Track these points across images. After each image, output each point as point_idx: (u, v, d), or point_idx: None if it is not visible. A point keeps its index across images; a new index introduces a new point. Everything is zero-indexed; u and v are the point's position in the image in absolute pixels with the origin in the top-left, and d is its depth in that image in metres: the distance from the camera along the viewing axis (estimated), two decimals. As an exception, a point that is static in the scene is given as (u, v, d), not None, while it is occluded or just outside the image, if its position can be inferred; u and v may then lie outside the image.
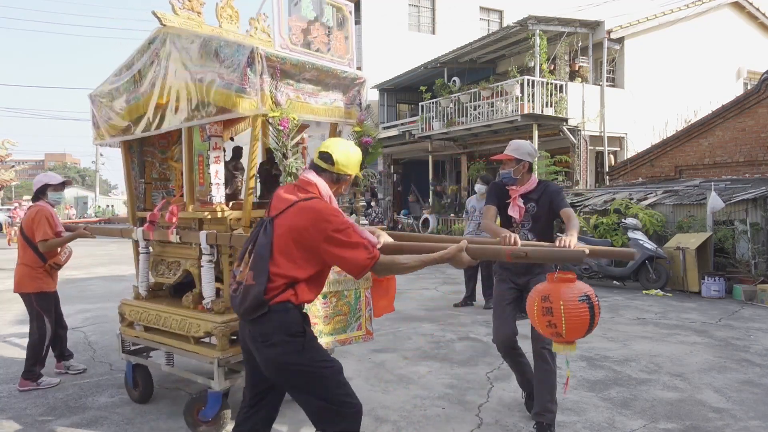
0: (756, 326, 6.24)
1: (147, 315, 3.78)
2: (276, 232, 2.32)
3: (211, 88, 3.09)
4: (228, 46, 3.06)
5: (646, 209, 9.69)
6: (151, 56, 3.46)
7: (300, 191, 2.42)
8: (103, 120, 3.98)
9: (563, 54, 14.38)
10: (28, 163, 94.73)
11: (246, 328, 2.35)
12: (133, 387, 3.94)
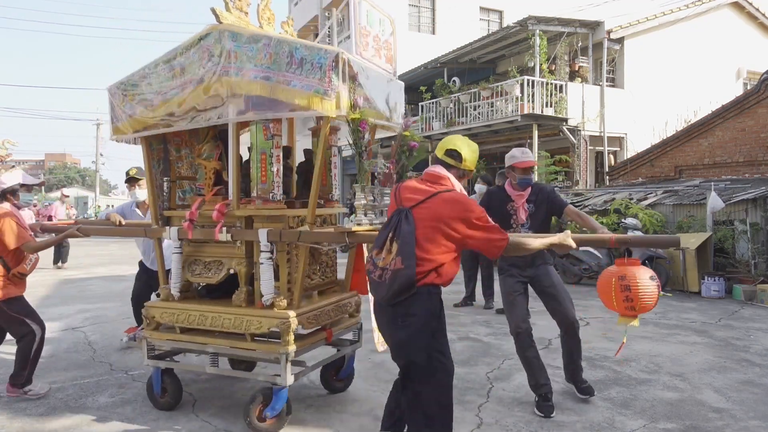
0: (756, 326, 6.24)
1: (187, 316, 3.61)
2: (418, 221, 2.54)
3: (281, 87, 3.18)
4: (306, 48, 3.17)
5: (646, 209, 9.70)
6: (201, 52, 3.43)
7: (432, 184, 2.69)
8: (126, 114, 3.75)
9: (563, 54, 14.39)
10: (28, 163, 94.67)
11: (385, 313, 2.57)
12: (161, 394, 3.76)
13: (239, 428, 3.48)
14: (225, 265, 3.64)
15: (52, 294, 8.72)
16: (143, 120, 3.68)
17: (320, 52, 3.13)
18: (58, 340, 5.68)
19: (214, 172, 3.86)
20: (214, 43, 3.37)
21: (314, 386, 4.21)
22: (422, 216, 2.55)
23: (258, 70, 3.25)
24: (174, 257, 3.72)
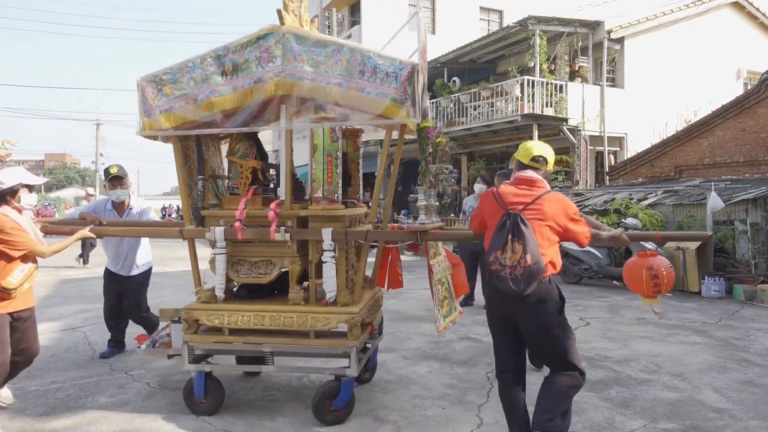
0: (756, 326, 6.24)
1: (239, 317, 3.57)
2: (531, 222, 2.90)
3: (355, 93, 3.31)
4: (380, 58, 3.30)
5: (646, 209, 9.70)
6: (259, 52, 3.41)
7: (529, 188, 3.04)
8: (160, 109, 3.56)
9: (563, 54, 14.39)
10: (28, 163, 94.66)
11: (513, 302, 2.91)
12: (204, 397, 3.68)
13: (239, 428, 3.48)
14: (276, 265, 3.65)
15: (52, 294, 8.72)
16: (183, 116, 3.54)
17: (395, 62, 3.29)
18: (58, 340, 5.68)
19: (251, 171, 3.82)
20: (275, 44, 3.37)
21: (314, 386, 4.21)
22: (532, 217, 2.93)
23: (329, 75, 3.32)
24: (219, 258, 3.64)
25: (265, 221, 3.54)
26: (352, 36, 21.79)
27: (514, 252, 2.83)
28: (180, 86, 3.51)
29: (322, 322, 3.50)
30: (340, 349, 3.52)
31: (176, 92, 3.50)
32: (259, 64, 3.40)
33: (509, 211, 2.93)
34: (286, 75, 3.35)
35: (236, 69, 3.43)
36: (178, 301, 7.86)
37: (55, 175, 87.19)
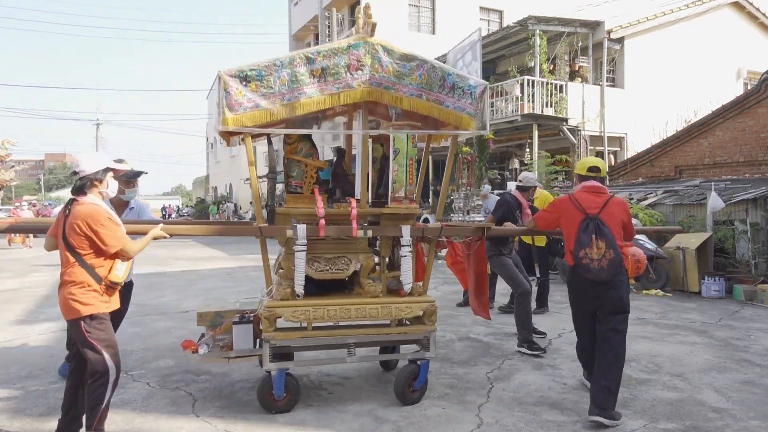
0: (756, 326, 6.24)
1: (325, 312, 3.66)
2: (608, 222, 3.64)
3: (435, 106, 3.73)
4: (457, 76, 3.76)
5: (646, 209, 9.70)
6: (349, 59, 3.57)
7: (598, 194, 3.80)
8: (245, 106, 3.48)
9: (563, 54, 14.39)
10: (28, 163, 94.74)
11: (600, 286, 3.61)
12: (283, 396, 3.68)
13: (239, 428, 3.48)
14: (352, 261, 3.79)
15: (52, 294, 8.72)
16: (270, 114, 3.51)
17: (470, 81, 3.79)
18: (58, 340, 5.67)
19: (316, 170, 3.87)
20: (364, 54, 3.57)
21: (314, 386, 4.21)
22: (606, 218, 3.65)
23: (412, 87, 3.65)
24: (298, 255, 3.61)
25: (338, 219, 3.69)
26: (351, 36, 21.79)
27: (598, 248, 3.58)
28: (266, 84, 3.48)
29: (405, 311, 3.78)
30: (421, 335, 3.84)
31: (263, 90, 3.47)
32: (348, 70, 3.56)
33: (589, 215, 3.67)
34: (373, 83, 3.57)
35: (325, 73, 3.54)
36: (179, 301, 7.88)
37: (55, 175, 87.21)
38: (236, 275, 10.80)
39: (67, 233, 3.06)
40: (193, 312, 7.12)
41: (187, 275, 10.89)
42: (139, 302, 7.86)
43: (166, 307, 7.53)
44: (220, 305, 7.59)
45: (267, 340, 3.59)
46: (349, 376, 4.43)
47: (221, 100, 3.44)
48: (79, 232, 3.03)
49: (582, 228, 3.64)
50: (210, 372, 4.58)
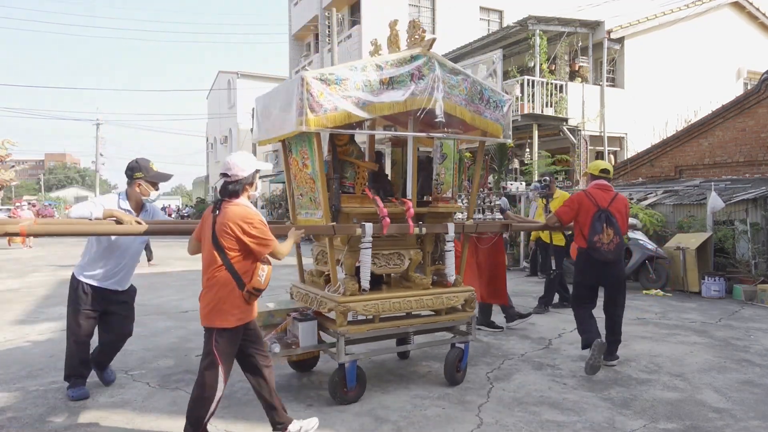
0: (756, 326, 6.24)
1: (390, 304, 3.91)
2: (615, 214, 4.59)
3: (477, 116, 4.19)
4: (491, 91, 4.28)
5: (646, 209, 9.70)
6: (412, 69, 3.89)
7: (606, 191, 4.71)
8: (326, 107, 3.64)
9: (563, 54, 14.38)
10: (28, 163, 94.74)
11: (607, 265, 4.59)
12: (355, 387, 3.84)
13: (239, 428, 3.48)
14: (405, 256, 4.14)
15: (52, 294, 8.72)
16: (348, 116, 3.69)
17: (500, 95, 4.35)
18: (58, 341, 5.67)
19: (367, 171, 4.17)
20: (423, 66, 3.91)
21: (314, 386, 4.21)
22: (613, 211, 4.60)
23: (459, 97, 4.07)
24: (365, 252, 3.84)
25: (392, 218, 3.90)
26: (352, 36, 21.81)
27: (608, 234, 4.51)
28: (344, 87, 3.68)
29: (453, 300, 4.19)
30: (464, 321, 4.29)
31: (341, 93, 3.66)
32: (412, 79, 3.88)
33: (601, 208, 4.58)
34: (431, 92, 3.91)
35: (392, 81, 3.83)
36: (179, 301, 7.87)
37: (55, 175, 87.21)
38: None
39: (218, 234, 3.01)
40: (193, 312, 7.12)
41: (187, 275, 10.88)
42: (139, 302, 7.82)
43: (166, 307, 7.53)
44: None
45: (342, 333, 3.76)
46: (349, 376, 4.43)
47: (304, 102, 3.52)
48: (230, 233, 2.99)
49: (596, 218, 4.54)
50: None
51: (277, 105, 3.95)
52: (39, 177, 79.08)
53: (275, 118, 3.99)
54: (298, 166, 4.22)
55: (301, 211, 4.34)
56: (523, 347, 5.33)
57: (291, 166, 4.36)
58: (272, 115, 4.06)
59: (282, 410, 3.26)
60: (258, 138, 4.42)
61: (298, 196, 4.34)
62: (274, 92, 4.13)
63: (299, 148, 4.12)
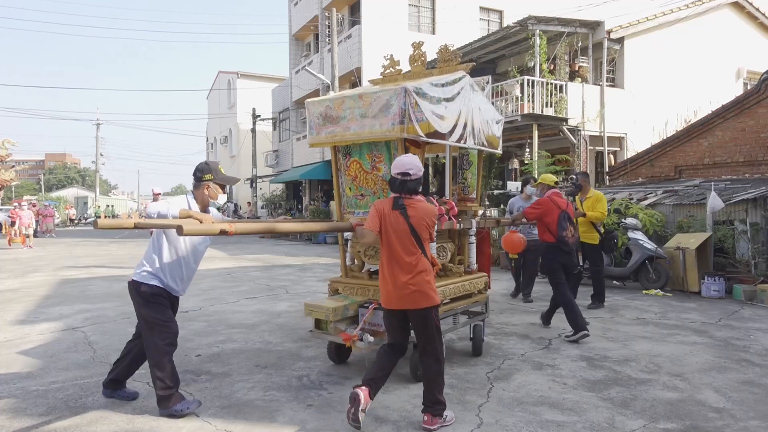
0: (756, 326, 6.24)
1: (448, 290, 4.61)
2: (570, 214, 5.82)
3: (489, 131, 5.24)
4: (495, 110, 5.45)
5: (646, 209, 9.69)
6: (458, 90, 4.66)
7: (561, 197, 5.88)
8: (418, 117, 4.16)
9: (563, 54, 14.38)
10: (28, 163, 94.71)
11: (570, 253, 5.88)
12: None
13: (239, 428, 3.48)
14: (447, 249, 4.89)
15: (52, 294, 8.73)
16: (427, 126, 4.24)
17: (497, 114, 5.46)
18: (58, 341, 5.68)
19: None
20: (466, 86, 4.76)
21: (314, 386, 4.22)
22: (569, 212, 5.85)
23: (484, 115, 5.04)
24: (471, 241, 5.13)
25: None
26: (352, 36, 21.80)
27: (570, 230, 5.78)
28: (428, 100, 4.26)
29: (478, 286, 5.04)
30: (485, 300, 5.23)
31: (427, 105, 4.23)
32: (459, 97, 4.61)
33: (562, 210, 5.75)
34: (464, 107, 4.68)
35: (449, 99, 4.53)
36: (179, 301, 7.86)
37: (55, 175, 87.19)
38: (236, 275, 10.80)
39: (417, 226, 3.43)
40: (193, 312, 7.13)
41: (187, 275, 10.86)
42: (139, 302, 7.86)
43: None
44: (221, 305, 7.60)
45: None
46: (350, 376, 4.43)
47: (407, 111, 4.05)
48: (427, 225, 3.48)
49: (561, 218, 5.72)
50: (210, 372, 4.59)
51: (358, 112, 4.29)
52: (39, 177, 79.09)
53: (352, 123, 4.31)
54: (361, 168, 4.53)
55: (355, 210, 4.72)
56: (523, 347, 5.33)
57: (348, 168, 4.70)
58: (344, 120, 4.36)
59: None
60: (315, 141, 4.66)
61: (356, 196, 4.68)
62: (348, 99, 4.41)
63: (367, 152, 4.49)
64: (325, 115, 4.47)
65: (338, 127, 4.43)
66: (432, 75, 4.93)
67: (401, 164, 3.47)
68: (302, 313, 7.00)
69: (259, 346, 5.41)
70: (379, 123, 4.11)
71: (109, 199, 57.75)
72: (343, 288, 4.73)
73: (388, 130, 4.08)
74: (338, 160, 4.76)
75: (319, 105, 4.52)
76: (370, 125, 4.18)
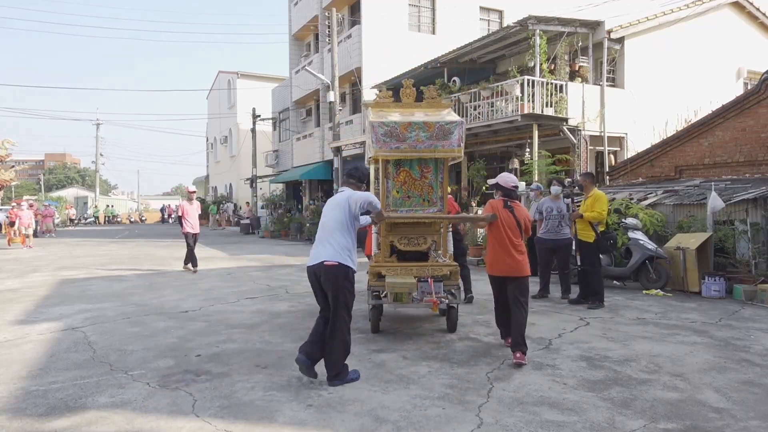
0: (756, 326, 6.23)
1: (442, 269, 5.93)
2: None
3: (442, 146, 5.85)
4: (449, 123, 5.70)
5: (646, 209, 9.69)
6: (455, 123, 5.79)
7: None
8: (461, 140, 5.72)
9: (563, 54, 14.37)
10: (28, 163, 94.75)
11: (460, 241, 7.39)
12: None
13: (239, 428, 3.48)
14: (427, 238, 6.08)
15: (52, 294, 8.72)
16: None
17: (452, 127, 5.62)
18: (58, 340, 5.68)
19: None
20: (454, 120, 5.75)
21: (314, 386, 4.22)
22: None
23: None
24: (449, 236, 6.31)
25: None
26: (352, 36, 21.80)
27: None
28: None
29: (453, 270, 5.88)
30: (455, 284, 5.88)
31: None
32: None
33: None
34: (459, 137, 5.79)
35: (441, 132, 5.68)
36: (179, 301, 7.87)
37: (55, 175, 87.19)
38: (236, 275, 10.79)
39: (522, 222, 5.08)
40: (193, 312, 7.13)
41: (187, 275, 10.88)
42: (139, 302, 7.86)
43: (166, 307, 7.53)
44: (221, 305, 7.60)
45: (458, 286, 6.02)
46: (349, 376, 4.43)
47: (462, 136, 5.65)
48: (525, 220, 5.12)
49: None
50: (210, 372, 4.59)
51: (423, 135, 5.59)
52: (39, 177, 79.09)
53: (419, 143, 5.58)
54: (410, 176, 6.03)
55: (399, 208, 6.03)
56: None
57: (398, 176, 6.03)
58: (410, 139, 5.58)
59: None
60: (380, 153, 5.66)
61: (403, 197, 6.05)
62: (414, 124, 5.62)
63: (417, 165, 6.01)
64: (390, 134, 5.56)
65: (405, 144, 5.57)
66: (421, 107, 6.30)
67: (512, 180, 5.19)
68: (302, 313, 7.02)
69: (259, 346, 5.41)
70: (441, 144, 5.58)
71: (109, 199, 57.77)
72: (387, 270, 5.73)
73: (451, 150, 5.61)
74: (387, 169, 5.98)
75: (384, 126, 5.57)
76: (434, 145, 5.59)
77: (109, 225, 43.03)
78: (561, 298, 7.87)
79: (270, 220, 25.22)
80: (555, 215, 7.88)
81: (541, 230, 8.13)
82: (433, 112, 6.06)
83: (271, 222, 24.83)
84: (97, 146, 49.91)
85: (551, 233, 7.90)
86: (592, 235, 7.30)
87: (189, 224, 11.31)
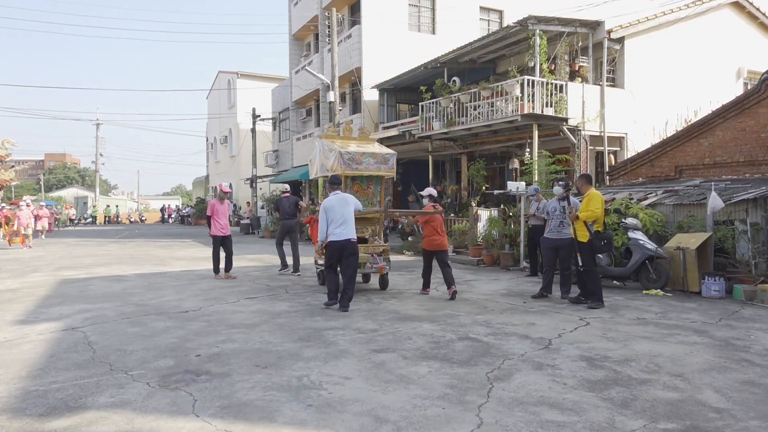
0: (756, 326, 6.23)
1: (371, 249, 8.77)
2: None
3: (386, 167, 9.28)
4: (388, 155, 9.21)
5: (646, 209, 9.69)
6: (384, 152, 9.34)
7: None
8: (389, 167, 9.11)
9: (563, 54, 14.37)
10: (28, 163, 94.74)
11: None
12: None
13: (239, 428, 3.48)
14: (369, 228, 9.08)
15: (52, 294, 8.72)
16: None
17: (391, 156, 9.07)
18: (58, 340, 5.68)
19: None
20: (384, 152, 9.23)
21: (314, 386, 4.22)
22: None
23: None
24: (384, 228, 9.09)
25: None
26: (351, 36, 21.80)
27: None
28: None
29: (385, 248, 8.77)
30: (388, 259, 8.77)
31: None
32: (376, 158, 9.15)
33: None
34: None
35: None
36: (179, 301, 7.88)
37: (55, 175, 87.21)
38: (236, 275, 10.79)
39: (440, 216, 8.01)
40: (193, 312, 7.14)
41: (187, 275, 10.88)
42: (139, 302, 7.86)
43: (166, 307, 7.53)
44: (221, 305, 7.61)
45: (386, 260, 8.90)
46: (349, 376, 4.43)
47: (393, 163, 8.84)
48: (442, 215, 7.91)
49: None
50: (210, 372, 4.59)
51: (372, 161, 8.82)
52: (39, 177, 79.10)
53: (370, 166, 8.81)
54: (361, 188, 9.01)
55: None
56: (523, 347, 5.33)
57: (353, 187, 8.87)
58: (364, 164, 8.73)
59: None
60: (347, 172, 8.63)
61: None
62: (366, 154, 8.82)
63: (366, 180, 9.05)
64: (352, 159, 8.60)
65: (361, 167, 8.72)
66: (355, 140, 9.39)
67: (434, 191, 7.30)
68: (302, 313, 7.03)
69: (259, 346, 5.41)
70: (383, 167, 8.93)
71: (109, 199, 57.78)
72: None
73: (389, 171, 9.01)
74: (346, 182, 8.62)
75: (347, 154, 8.56)
76: (379, 168, 8.91)
77: (109, 225, 43.02)
78: (561, 298, 7.90)
79: (270, 220, 25.23)
80: (558, 215, 7.98)
81: (546, 230, 8.27)
82: (365, 144, 9.26)
83: (271, 222, 24.83)
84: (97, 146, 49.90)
85: (553, 233, 8.01)
86: (586, 234, 7.37)
87: (218, 226, 10.43)
